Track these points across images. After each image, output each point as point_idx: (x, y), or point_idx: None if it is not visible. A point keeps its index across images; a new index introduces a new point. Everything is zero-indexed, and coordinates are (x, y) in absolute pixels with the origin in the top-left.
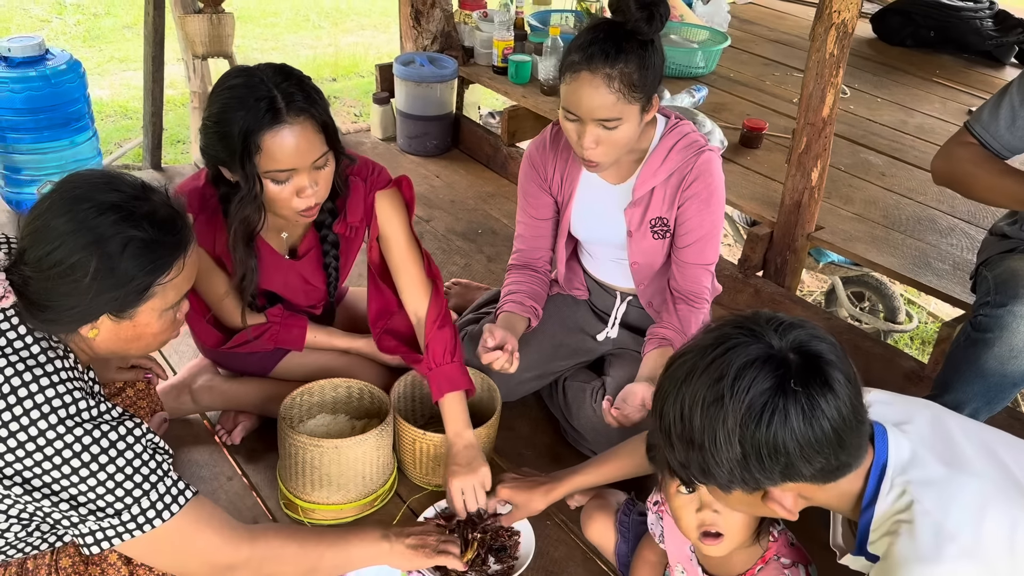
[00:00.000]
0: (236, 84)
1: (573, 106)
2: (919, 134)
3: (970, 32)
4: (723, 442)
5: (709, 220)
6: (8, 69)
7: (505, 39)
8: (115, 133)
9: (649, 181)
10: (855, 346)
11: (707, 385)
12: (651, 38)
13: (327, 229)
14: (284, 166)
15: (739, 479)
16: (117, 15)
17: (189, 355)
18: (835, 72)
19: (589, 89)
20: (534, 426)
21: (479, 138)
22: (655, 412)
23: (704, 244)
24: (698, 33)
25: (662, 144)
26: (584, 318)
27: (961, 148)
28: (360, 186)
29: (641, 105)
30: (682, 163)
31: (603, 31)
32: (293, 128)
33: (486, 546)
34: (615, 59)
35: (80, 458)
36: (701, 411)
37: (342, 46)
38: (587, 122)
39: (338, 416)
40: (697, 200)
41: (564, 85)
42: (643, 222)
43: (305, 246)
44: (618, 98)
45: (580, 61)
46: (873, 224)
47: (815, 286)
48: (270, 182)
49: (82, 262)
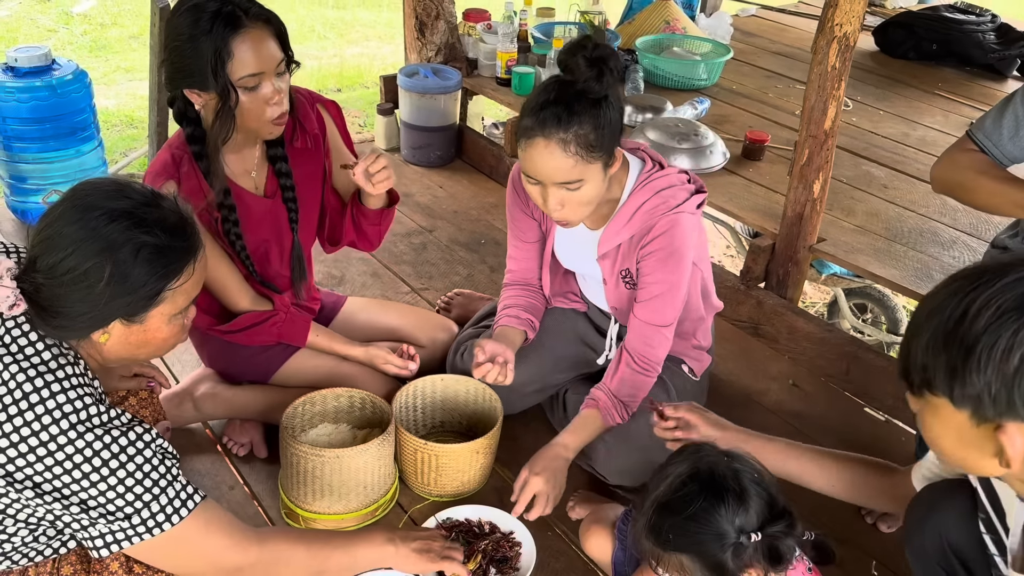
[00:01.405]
0: (192, 5)
1: (532, 172)
2: (921, 147)
3: (972, 45)
4: (1002, 351)
5: (666, 280)
6: (15, 79)
7: (509, 51)
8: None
9: (613, 239)
10: (857, 358)
11: (1014, 294)
12: (604, 95)
13: (281, 161)
14: (254, 69)
15: (990, 398)
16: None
17: (192, 364)
18: (837, 85)
19: (545, 155)
20: (536, 437)
21: (482, 149)
22: (922, 314)
23: (661, 303)
24: (701, 45)
25: (630, 201)
26: (584, 330)
27: (963, 155)
28: (300, 97)
29: (603, 162)
30: (644, 226)
31: (554, 92)
32: (257, 32)
33: (488, 556)
34: (568, 122)
35: (91, 463)
36: (993, 314)
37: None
38: (548, 186)
39: (340, 426)
40: (654, 258)
41: (521, 151)
42: (614, 272)
43: (271, 185)
44: (576, 161)
45: (533, 126)
46: (875, 236)
47: (817, 297)
48: (242, 91)
49: (95, 268)
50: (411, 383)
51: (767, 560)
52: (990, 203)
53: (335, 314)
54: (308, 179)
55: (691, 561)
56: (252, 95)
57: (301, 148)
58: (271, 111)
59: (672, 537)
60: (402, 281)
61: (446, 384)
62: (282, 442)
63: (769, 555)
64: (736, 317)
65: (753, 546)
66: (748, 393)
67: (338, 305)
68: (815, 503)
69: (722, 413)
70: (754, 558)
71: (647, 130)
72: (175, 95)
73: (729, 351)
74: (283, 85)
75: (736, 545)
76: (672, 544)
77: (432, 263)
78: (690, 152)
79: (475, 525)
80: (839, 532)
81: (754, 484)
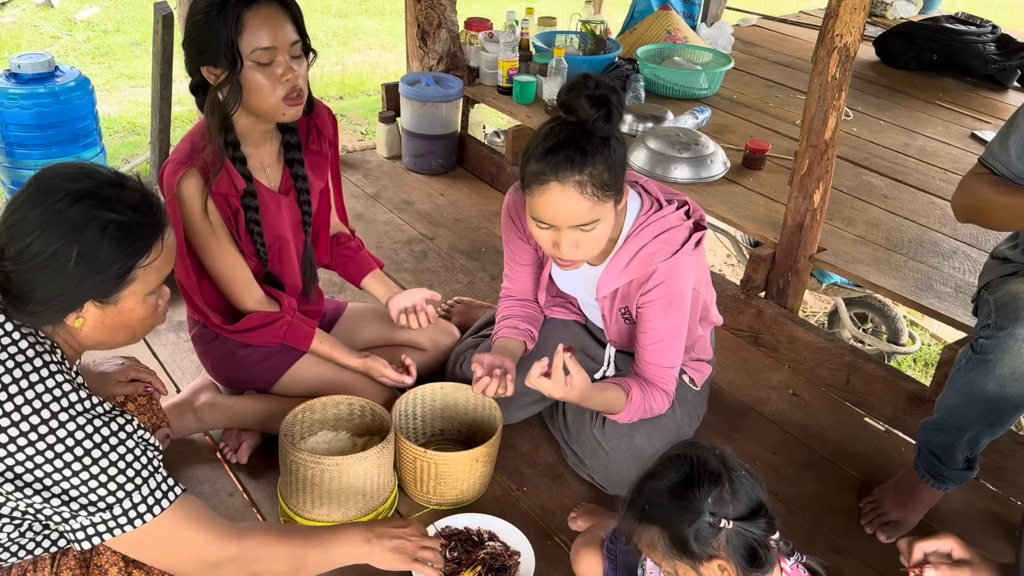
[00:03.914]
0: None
1: (546, 217)
2: (921, 157)
3: (973, 56)
4: None
5: (668, 325)
6: (18, 86)
7: (510, 59)
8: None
9: (611, 283)
10: (857, 368)
11: None
12: (611, 135)
13: (297, 165)
14: (267, 43)
15: None
16: (126, 32)
17: (192, 371)
18: (837, 95)
19: (563, 199)
20: (535, 446)
21: (483, 157)
22: None
23: (665, 347)
24: (701, 55)
25: (628, 244)
26: (583, 340)
27: (976, 180)
28: (320, 104)
29: (615, 200)
30: (643, 272)
31: (563, 134)
32: (272, 10)
33: (487, 565)
34: (582, 164)
35: (73, 452)
36: None
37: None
38: (563, 229)
39: (339, 433)
40: (655, 307)
41: (531, 197)
42: (613, 310)
43: (286, 183)
44: (593, 203)
45: (545, 171)
46: (875, 246)
47: (818, 307)
48: (254, 66)
49: (62, 249)
50: (411, 391)
51: (741, 557)
52: (1003, 219)
53: (336, 320)
54: (315, 183)
55: (660, 534)
56: (265, 71)
57: (315, 151)
58: (283, 88)
59: (647, 507)
60: (403, 288)
61: (446, 392)
62: (281, 449)
63: (744, 553)
64: (736, 326)
65: (724, 535)
66: (748, 402)
67: (339, 311)
68: (814, 513)
69: (722, 422)
70: (724, 548)
71: (648, 139)
72: (194, 77)
73: (729, 360)
74: (298, 68)
75: (705, 525)
76: (647, 514)
77: (433, 271)
78: (690, 161)
79: (474, 534)
80: (838, 542)
81: (743, 481)
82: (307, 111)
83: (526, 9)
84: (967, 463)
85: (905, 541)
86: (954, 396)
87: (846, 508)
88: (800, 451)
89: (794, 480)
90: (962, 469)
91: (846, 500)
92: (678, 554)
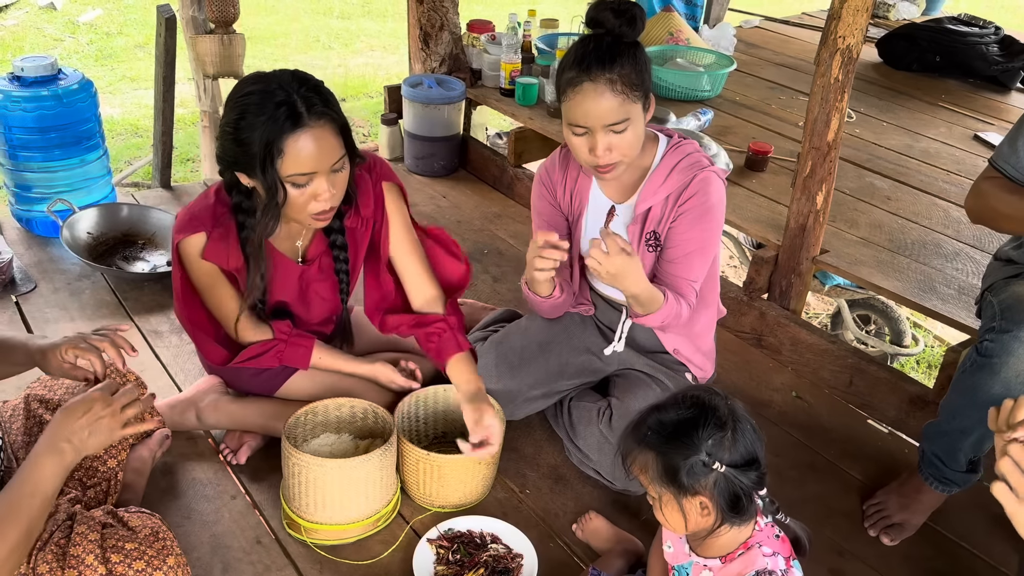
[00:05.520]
0: (255, 90)
1: (580, 118)
2: (924, 158)
3: (976, 57)
4: None
5: (699, 237)
6: (21, 88)
7: (512, 62)
8: (125, 151)
9: (649, 199)
10: (860, 370)
11: None
12: (636, 40)
13: (336, 233)
14: (305, 169)
15: None
16: (129, 35)
17: (195, 373)
18: (840, 97)
19: (595, 97)
20: (537, 447)
21: (486, 159)
22: None
23: (693, 259)
24: (704, 57)
25: (664, 163)
26: (591, 338)
27: (986, 183)
28: (366, 178)
29: (642, 104)
30: (682, 183)
31: (592, 44)
32: (314, 131)
33: (490, 569)
34: (611, 64)
35: None
36: None
37: (351, 67)
38: (597, 131)
39: (342, 436)
40: (689, 216)
41: (567, 102)
42: (641, 238)
43: (314, 251)
44: (623, 99)
45: (578, 75)
46: (878, 248)
47: (821, 308)
48: (290, 186)
49: None
50: (413, 393)
51: (724, 500)
52: (1015, 219)
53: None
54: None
55: (655, 459)
56: (299, 189)
57: (351, 227)
58: (314, 206)
59: (649, 433)
60: None
61: (448, 394)
62: (284, 452)
63: (727, 497)
64: (739, 328)
65: (714, 476)
66: (751, 404)
67: None
68: (817, 515)
69: None
70: (711, 489)
71: None
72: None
73: (732, 362)
74: (338, 181)
75: (699, 463)
76: (647, 440)
77: None
78: None
79: (477, 536)
80: (841, 545)
81: (746, 433)
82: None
83: (528, 11)
84: (971, 465)
85: (1012, 400)
86: (958, 398)
87: (849, 510)
88: (803, 453)
89: (797, 482)
90: (966, 471)
91: (849, 502)
92: (666, 482)
